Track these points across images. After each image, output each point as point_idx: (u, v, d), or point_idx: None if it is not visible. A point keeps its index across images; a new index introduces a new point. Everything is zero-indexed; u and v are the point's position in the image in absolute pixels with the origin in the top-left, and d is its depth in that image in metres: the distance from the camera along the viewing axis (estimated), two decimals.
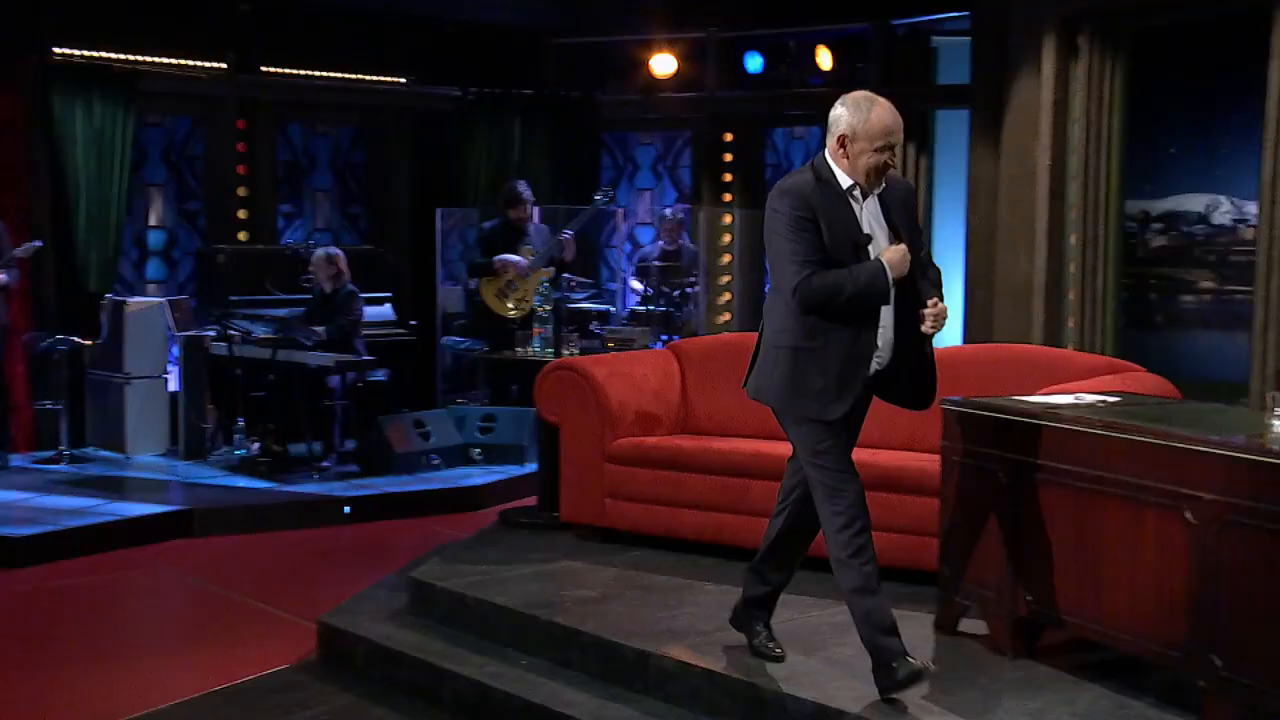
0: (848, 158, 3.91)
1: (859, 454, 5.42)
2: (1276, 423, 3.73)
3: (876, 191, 3.96)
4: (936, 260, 11.12)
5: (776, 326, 3.98)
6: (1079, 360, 5.73)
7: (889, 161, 3.90)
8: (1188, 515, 3.64)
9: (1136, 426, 3.91)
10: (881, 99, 3.95)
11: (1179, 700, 3.73)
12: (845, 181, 3.93)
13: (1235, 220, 7.76)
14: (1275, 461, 3.44)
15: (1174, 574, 3.69)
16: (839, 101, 3.97)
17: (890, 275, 3.86)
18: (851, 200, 3.93)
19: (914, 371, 4.05)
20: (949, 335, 10.16)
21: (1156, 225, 8.28)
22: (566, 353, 6.76)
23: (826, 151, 3.96)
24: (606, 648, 4.51)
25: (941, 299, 3.97)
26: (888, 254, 3.89)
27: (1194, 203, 8.06)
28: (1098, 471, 3.95)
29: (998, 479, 4.29)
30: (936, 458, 4.61)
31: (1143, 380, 5.21)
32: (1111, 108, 8.13)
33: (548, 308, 7.13)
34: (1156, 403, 4.62)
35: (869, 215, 3.96)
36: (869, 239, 3.92)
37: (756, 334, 4.13)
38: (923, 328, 3.94)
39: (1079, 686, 3.99)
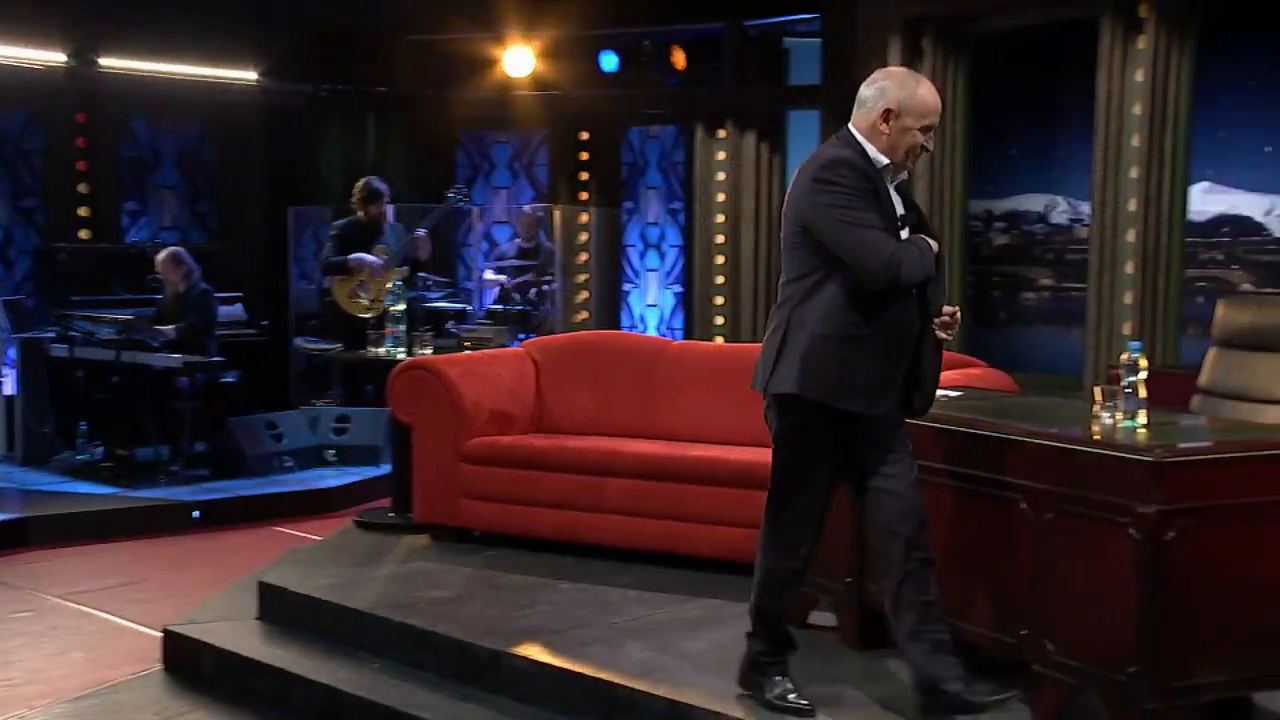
0: (887, 134, 3.61)
1: (711, 450, 5.53)
2: (1104, 414, 3.88)
3: (901, 178, 3.72)
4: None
5: (819, 314, 3.61)
6: None
7: (926, 145, 3.65)
8: (1023, 506, 3.75)
9: (973, 420, 4.02)
10: (923, 77, 3.72)
11: (1017, 685, 3.84)
12: (880, 160, 3.63)
13: (1071, 220, 8.05)
14: (1100, 452, 3.57)
15: (1011, 563, 3.80)
16: (878, 76, 3.68)
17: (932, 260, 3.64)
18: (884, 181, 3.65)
19: (922, 376, 3.81)
20: None
21: (999, 224, 8.54)
22: (420, 352, 6.69)
23: (856, 129, 3.65)
24: (460, 648, 4.48)
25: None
26: (929, 241, 3.68)
27: (1034, 203, 8.33)
28: (939, 465, 4.04)
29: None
30: None
31: (983, 375, 5.37)
32: (954, 110, 8.36)
33: (401, 307, 7.05)
34: (993, 397, 4.75)
35: (895, 201, 3.69)
36: (906, 221, 3.67)
37: (769, 325, 3.76)
38: (941, 335, 3.80)
39: None
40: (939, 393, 4.64)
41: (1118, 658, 3.48)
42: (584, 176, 11.31)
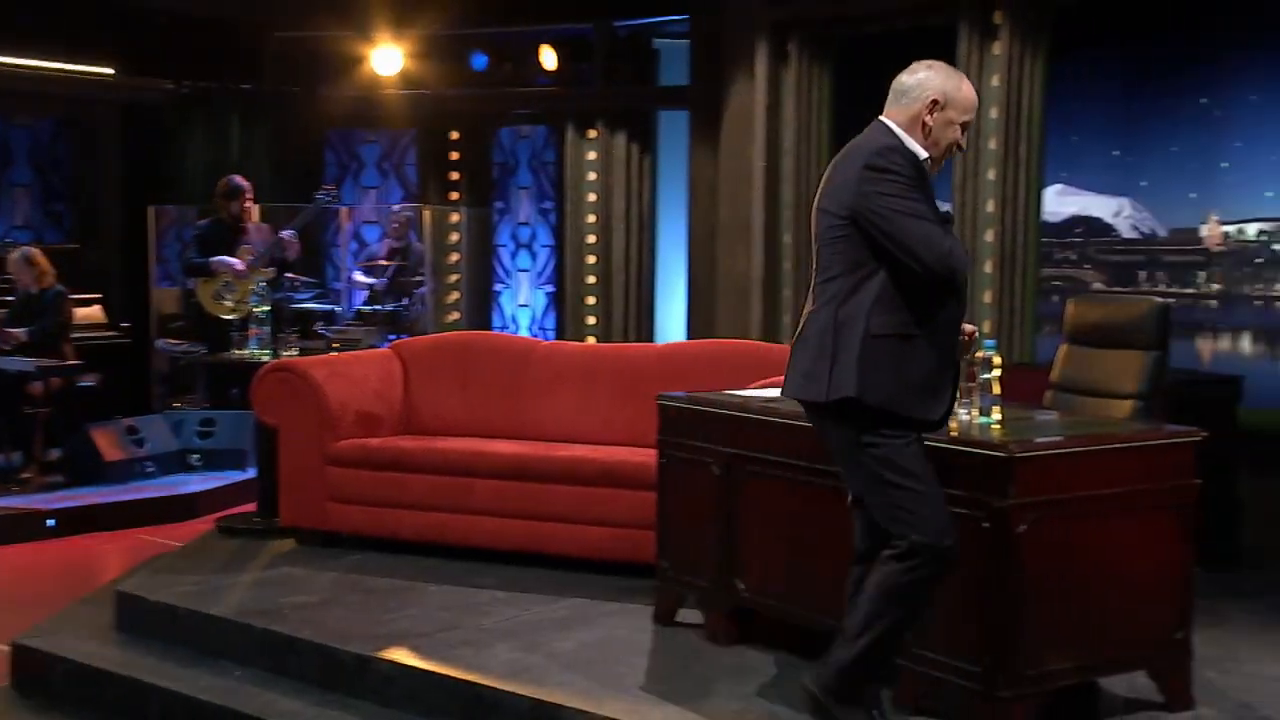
0: (931, 127, 3.41)
1: (578, 450, 5.54)
2: (961, 411, 3.96)
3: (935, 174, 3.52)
4: (660, 259, 11.30)
5: (870, 311, 3.34)
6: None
7: (961, 143, 3.48)
8: None
9: None
10: (961, 73, 3.56)
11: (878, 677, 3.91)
12: (920, 154, 3.42)
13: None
14: (955, 448, 3.65)
15: None
16: (919, 67, 3.49)
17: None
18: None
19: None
20: (673, 332, 10.41)
21: None
22: (285, 354, 6.59)
23: (893, 122, 3.44)
24: (325, 653, 4.41)
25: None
26: None
27: None
28: (800, 461, 4.10)
29: (711, 471, 4.42)
30: (655, 452, 4.71)
31: None
32: (821, 112, 8.49)
33: (265, 308, 6.93)
34: None
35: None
36: (948, 219, 3.48)
37: (809, 327, 3.46)
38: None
39: (788, 669, 4.13)
40: None
41: (972, 648, 3.56)
42: (454, 176, 11.23)
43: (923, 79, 3.45)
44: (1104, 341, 5.06)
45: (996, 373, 3.96)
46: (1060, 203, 7.63)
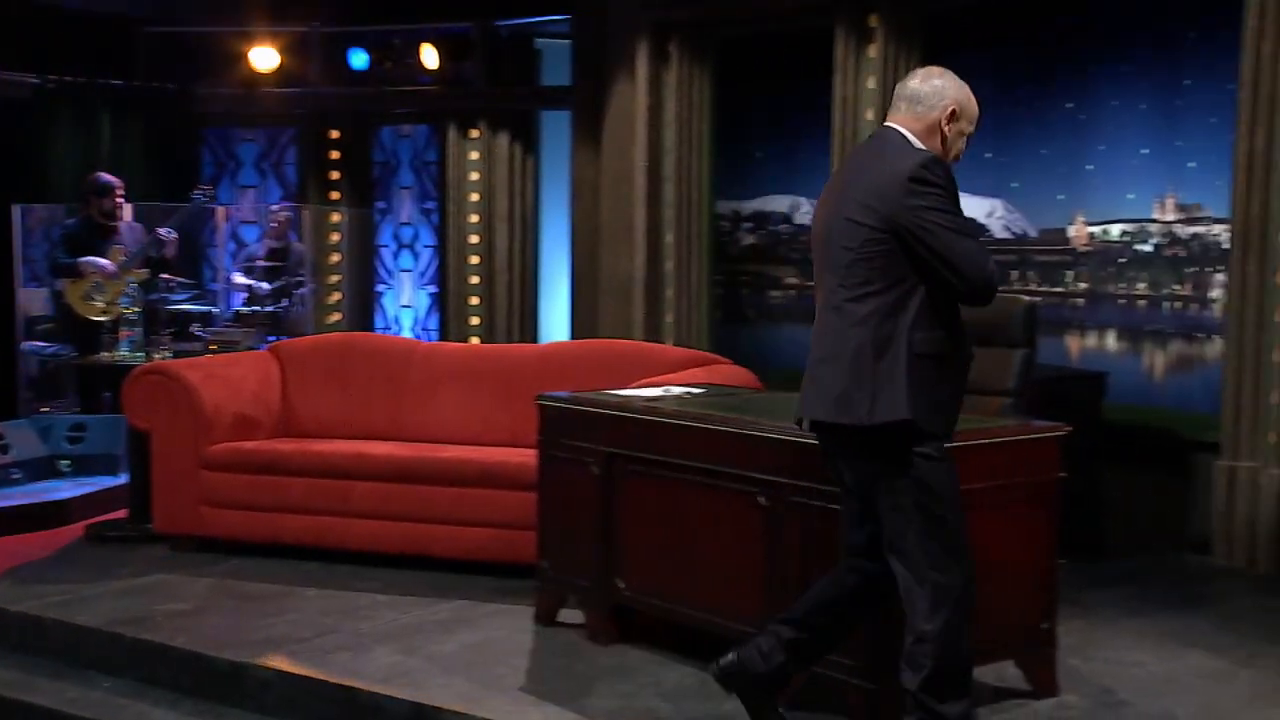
0: (945, 136, 3.34)
1: (458, 451, 5.51)
2: None
3: None
4: (544, 259, 11.25)
5: (911, 330, 3.22)
6: (671, 354, 5.99)
7: (960, 155, 3.42)
8: (761, 499, 3.87)
9: (714, 416, 4.13)
10: None
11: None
12: None
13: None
14: None
15: (750, 555, 3.92)
16: (932, 73, 3.41)
17: None
18: None
19: None
20: (557, 332, 10.41)
21: (747, 224, 8.76)
22: (159, 356, 6.45)
23: (906, 129, 3.34)
24: (199, 661, 4.33)
25: None
26: None
27: (779, 203, 8.58)
28: (680, 460, 4.14)
29: (591, 471, 4.43)
30: (536, 453, 4.71)
31: (727, 372, 5.51)
32: (701, 113, 8.55)
33: (136, 309, 6.77)
34: (735, 393, 4.89)
35: None
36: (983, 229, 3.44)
37: (838, 344, 3.28)
38: None
39: (668, 667, 4.18)
40: (681, 389, 4.77)
41: (850, 642, 3.62)
42: (334, 176, 11.06)
43: (940, 87, 3.36)
44: (981, 340, 5.16)
45: None
46: None
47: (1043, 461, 3.88)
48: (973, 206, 7.37)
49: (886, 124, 3.41)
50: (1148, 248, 6.48)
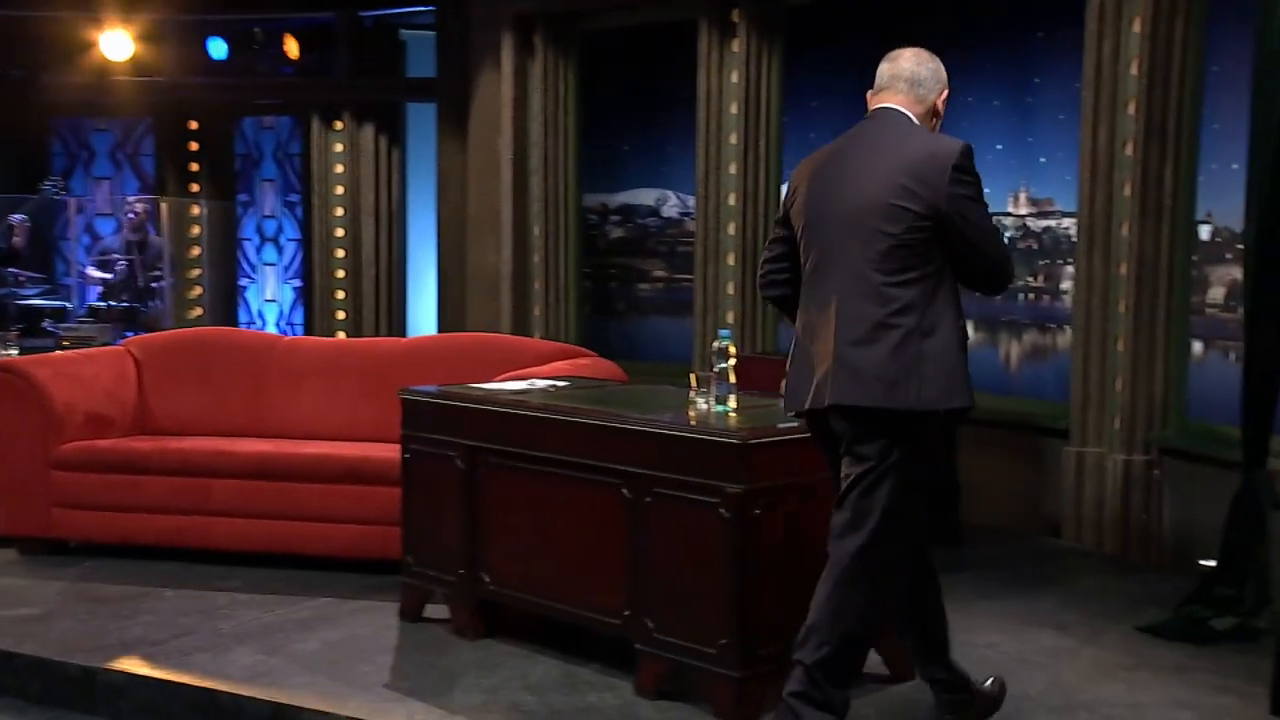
0: (939, 121, 3.43)
1: (322, 447, 5.44)
2: (699, 400, 4.07)
3: None
4: (410, 251, 11.14)
5: (942, 315, 3.24)
6: (537, 347, 5.98)
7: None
8: (624, 491, 3.89)
9: (577, 409, 4.13)
10: None
11: (620, 664, 3.98)
12: None
13: (681, 213, 8.37)
14: (691, 436, 3.75)
15: (614, 547, 3.93)
16: (925, 56, 3.43)
17: None
18: None
19: None
20: (425, 325, 10.32)
21: (615, 218, 8.78)
22: (5, 353, 6.24)
23: (909, 111, 3.37)
24: (48, 668, 4.20)
25: None
26: None
27: (646, 196, 8.61)
28: (544, 453, 4.13)
29: (455, 465, 4.40)
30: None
31: (593, 365, 5.52)
32: (567, 105, 8.55)
33: None
34: (599, 385, 4.91)
35: None
36: None
37: (879, 331, 3.23)
38: None
39: (533, 661, 4.17)
40: (546, 383, 4.77)
41: (710, 631, 3.66)
42: (194, 167, 10.84)
43: (935, 69, 3.41)
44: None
45: (732, 361, 4.07)
46: None
47: None
48: None
49: (887, 105, 3.40)
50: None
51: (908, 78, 3.39)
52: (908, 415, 3.21)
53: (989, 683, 3.72)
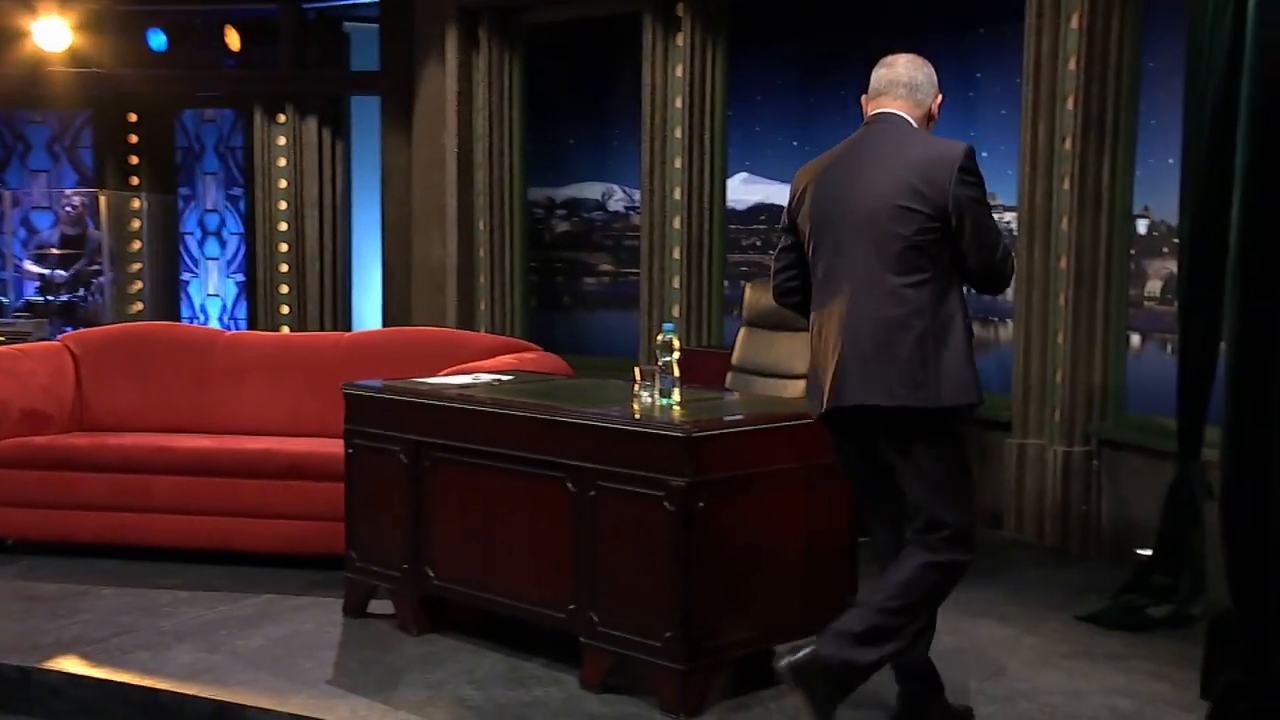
0: (933, 122, 3.53)
1: (265, 443, 5.40)
2: (644, 394, 4.08)
3: None
4: (355, 245, 11.02)
5: (955, 312, 3.34)
6: (482, 341, 5.97)
7: None
8: (568, 485, 3.89)
9: (522, 403, 4.13)
10: None
11: (566, 658, 3.99)
12: None
13: (627, 207, 8.37)
14: (635, 429, 3.76)
15: (559, 541, 3.94)
16: (919, 60, 3.54)
17: None
18: None
19: None
20: (370, 320, 10.26)
21: (561, 211, 8.76)
22: None
23: (911, 117, 3.47)
24: None
25: None
26: None
27: (592, 190, 8.61)
28: (488, 447, 4.13)
29: (398, 460, 4.39)
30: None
31: (537, 359, 5.52)
32: (512, 99, 8.52)
33: None
34: (544, 379, 4.91)
35: None
36: None
37: (896, 331, 3.30)
38: None
39: (478, 655, 4.17)
40: (490, 377, 4.76)
41: (655, 624, 3.68)
42: (134, 160, 10.68)
43: (930, 74, 3.51)
44: (778, 324, 5.29)
45: (676, 355, 4.09)
46: (745, 190, 7.90)
47: None
48: (781, 194, 7.51)
49: (888, 110, 3.47)
50: None
51: (906, 82, 3.48)
52: (934, 412, 3.30)
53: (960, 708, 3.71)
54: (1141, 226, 5.64)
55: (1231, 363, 3.33)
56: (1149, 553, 4.84)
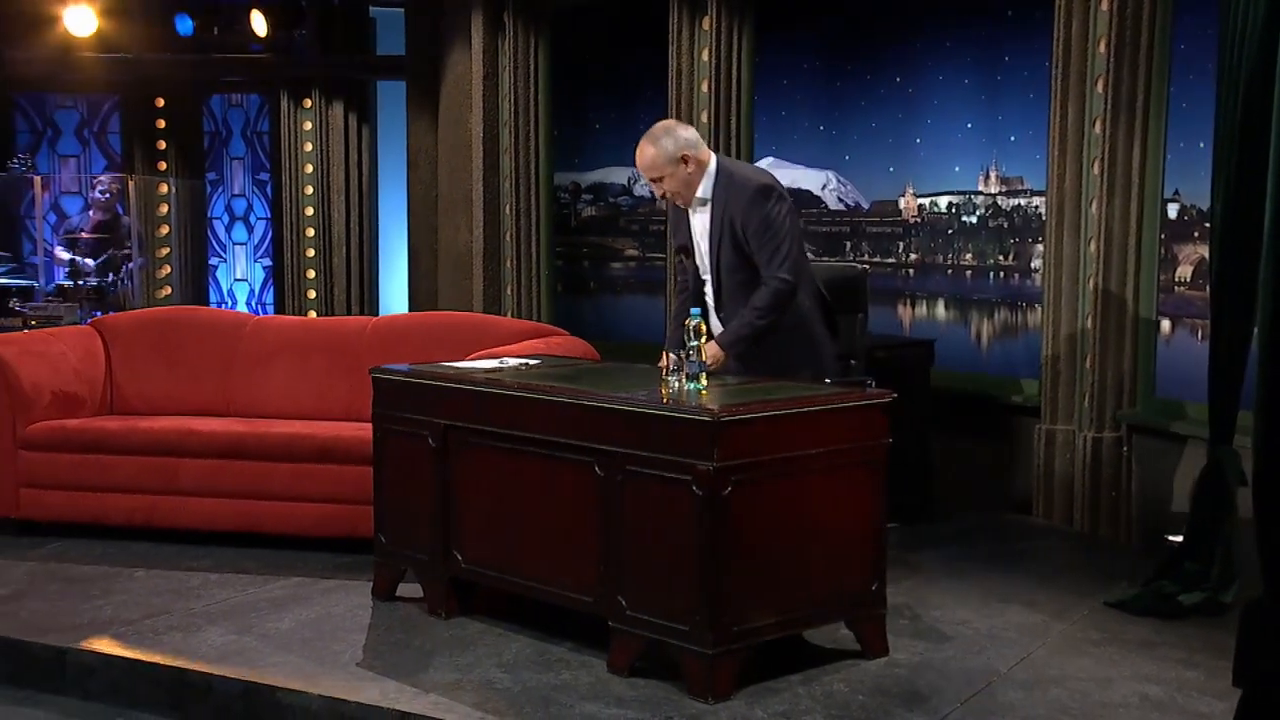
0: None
1: (293, 426, 5.42)
2: (671, 378, 4.07)
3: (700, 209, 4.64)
4: (381, 229, 11.00)
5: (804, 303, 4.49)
6: (508, 325, 5.97)
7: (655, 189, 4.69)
8: (596, 469, 3.89)
9: (550, 387, 4.13)
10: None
11: (594, 642, 4.00)
12: None
13: (652, 192, 8.35)
14: (664, 414, 3.75)
15: (587, 525, 3.94)
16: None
17: None
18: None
19: None
20: (397, 304, 10.29)
21: (586, 196, 8.75)
22: None
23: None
24: (17, 649, 4.19)
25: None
26: None
27: (618, 175, 8.59)
28: (516, 431, 4.13)
29: (427, 443, 4.40)
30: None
31: (564, 343, 5.52)
32: (538, 83, 8.51)
33: None
34: (571, 364, 4.90)
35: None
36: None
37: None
38: None
39: (507, 639, 4.18)
40: (517, 361, 4.76)
41: (682, 608, 3.68)
42: (161, 145, 10.72)
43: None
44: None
45: (703, 339, 4.08)
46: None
47: (870, 427, 3.97)
48: (807, 178, 7.50)
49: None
50: (973, 219, 6.68)
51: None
52: None
53: None
54: (1172, 210, 5.60)
55: (1265, 347, 3.30)
56: (1180, 539, 4.81)
